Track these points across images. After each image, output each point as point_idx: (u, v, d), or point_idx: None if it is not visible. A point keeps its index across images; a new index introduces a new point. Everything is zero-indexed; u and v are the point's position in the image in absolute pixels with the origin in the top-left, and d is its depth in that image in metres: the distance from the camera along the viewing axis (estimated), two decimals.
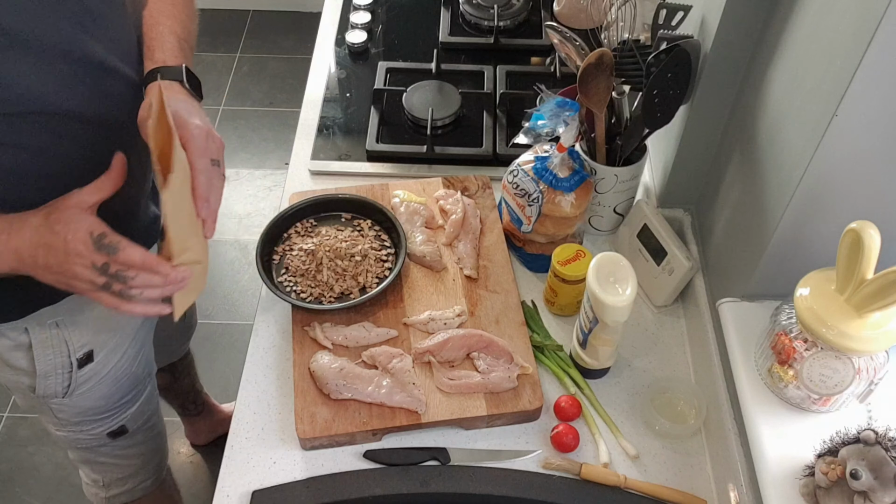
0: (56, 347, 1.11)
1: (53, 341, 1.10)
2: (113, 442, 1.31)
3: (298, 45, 3.19)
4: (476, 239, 1.25)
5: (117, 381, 1.22)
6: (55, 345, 1.10)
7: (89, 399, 1.21)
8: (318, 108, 1.51)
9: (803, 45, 0.89)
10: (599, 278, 1.01)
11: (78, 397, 1.19)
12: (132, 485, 1.45)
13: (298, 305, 1.14)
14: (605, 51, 1.09)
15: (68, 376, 1.15)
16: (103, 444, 1.31)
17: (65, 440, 1.30)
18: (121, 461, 1.39)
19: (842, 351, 0.85)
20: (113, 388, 1.22)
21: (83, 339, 1.13)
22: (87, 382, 1.17)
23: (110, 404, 1.25)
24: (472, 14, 1.67)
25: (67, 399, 1.18)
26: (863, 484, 0.78)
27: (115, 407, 1.26)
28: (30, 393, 1.17)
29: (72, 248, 0.86)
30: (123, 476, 1.43)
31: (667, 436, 1.08)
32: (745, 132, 1.05)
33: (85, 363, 1.15)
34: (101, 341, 1.15)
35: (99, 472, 1.41)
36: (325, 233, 1.22)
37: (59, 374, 1.14)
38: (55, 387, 1.15)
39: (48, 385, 1.14)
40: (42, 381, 1.14)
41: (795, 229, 0.92)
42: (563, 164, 1.15)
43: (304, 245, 1.21)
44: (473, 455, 1.06)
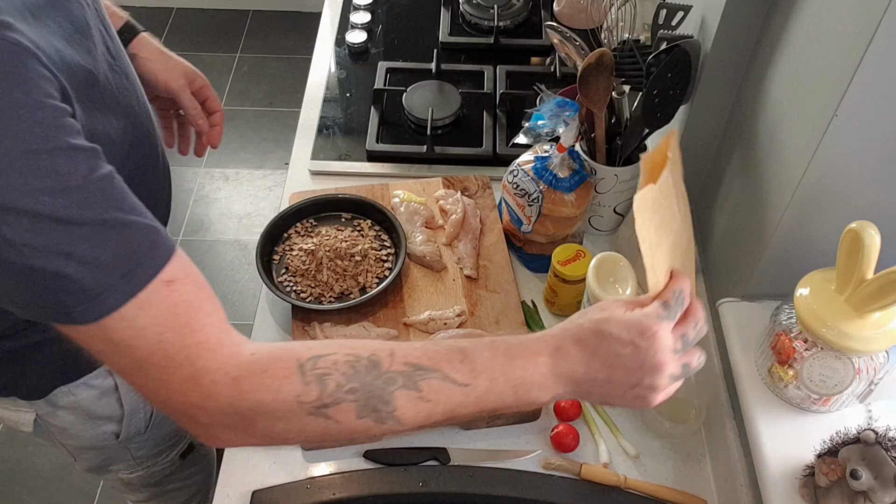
0: None
1: None
2: (182, 462, 1.31)
3: (298, 45, 3.19)
4: (476, 239, 1.25)
5: None
6: None
7: (164, 426, 1.21)
8: (318, 108, 1.51)
9: (803, 45, 0.89)
10: (599, 278, 1.01)
11: (156, 427, 1.19)
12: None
13: (298, 305, 1.14)
14: (605, 51, 1.09)
15: (149, 407, 1.14)
16: (175, 468, 1.31)
17: (138, 481, 1.29)
18: (187, 481, 1.39)
19: (842, 351, 0.85)
20: None
21: None
22: None
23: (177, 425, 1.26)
24: (472, 14, 1.67)
25: (147, 433, 1.18)
26: (863, 484, 0.78)
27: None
28: (111, 441, 1.15)
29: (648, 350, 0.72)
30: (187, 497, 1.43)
31: (667, 436, 1.08)
32: (745, 132, 1.05)
33: None
34: None
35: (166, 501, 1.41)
36: (325, 233, 1.22)
37: (143, 407, 1.14)
38: (138, 423, 1.15)
39: (132, 424, 1.14)
40: (128, 422, 1.13)
41: (795, 229, 0.92)
42: (563, 164, 1.15)
43: (304, 245, 1.21)
44: (473, 455, 1.06)
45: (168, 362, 0.67)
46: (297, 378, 0.69)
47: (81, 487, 2.04)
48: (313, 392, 0.68)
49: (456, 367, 0.71)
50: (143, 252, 0.65)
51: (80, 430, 1.13)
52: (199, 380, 0.68)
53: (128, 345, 0.66)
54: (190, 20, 3.29)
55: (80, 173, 0.62)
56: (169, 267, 0.67)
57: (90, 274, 0.62)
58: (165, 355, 0.66)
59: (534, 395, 0.73)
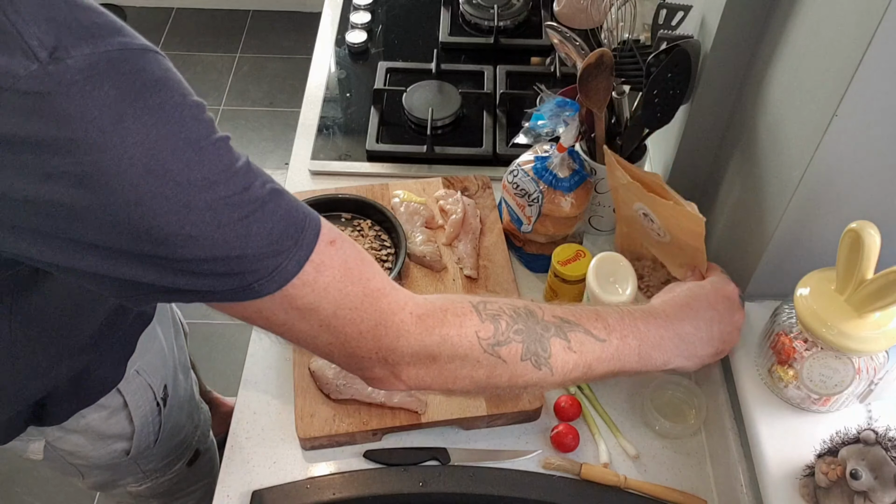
0: (144, 395, 1.11)
1: (142, 390, 1.10)
2: (189, 469, 1.32)
3: (298, 45, 3.19)
4: (476, 239, 1.25)
5: (182, 406, 1.23)
6: (143, 393, 1.10)
7: (171, 436, 1.22)
8: (318, 108, 1.51)
9: (803, 45, 0.89)
10: (599, 278, 1.01)
11: (165, 439, 1.20)
12: None
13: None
14: (605, 51, 1.09)
15: (158, 420, 1.15)
16: (183, 476, 1.31)
17: (147, 492, 1.29)
18: (193, 487, 1.40)
19: (842, 351, 0.85)
20: (182, 414, 1.24)
21: (157, 375, 1.13)
22: (168, 419, 1.18)
23: (184, 434, 1.26)
24: (472, 14, 1.67)
25: (157, 446, 1.19)
26: (863, 484, 0.78)
27: (189, 434, 1.28)
28: (121, 458, 1.15)
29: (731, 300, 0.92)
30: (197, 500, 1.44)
31: (667, 436, 1.08)
32: (745, 132, 1.05)
33: (165, 400, 1.16)
34: (167, 373, 1.16)
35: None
36: None
37: (152, 421, 1.14)
38: (147, 438, 1.15)
39: (142, 439, 1.14)
40: (138, 437, 1.13)
41: (795, 229, 0.92)
42: (563, 164, 1.15)
43: None
44: (473, 455, 1.06)
45: (354, 313, 0.70)
46: (474, 316, 0.74)
47: (81, 487, 2.04)
48: (489, 329, 0.74)
49: (594, 324, 0.80)
50: (301, 217, 0.68)
51: (90, 450, 1.12)
52: (388, 322, 0.71)
53: (313, 307, 0.68)
54: (190, 20, 3.29)
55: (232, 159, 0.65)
56: (325, 228, 0.69)
57: (267, 247, 0.64)
58: (351, 307, 0.69)
59: (654, 357, 0.83)
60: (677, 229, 1.00)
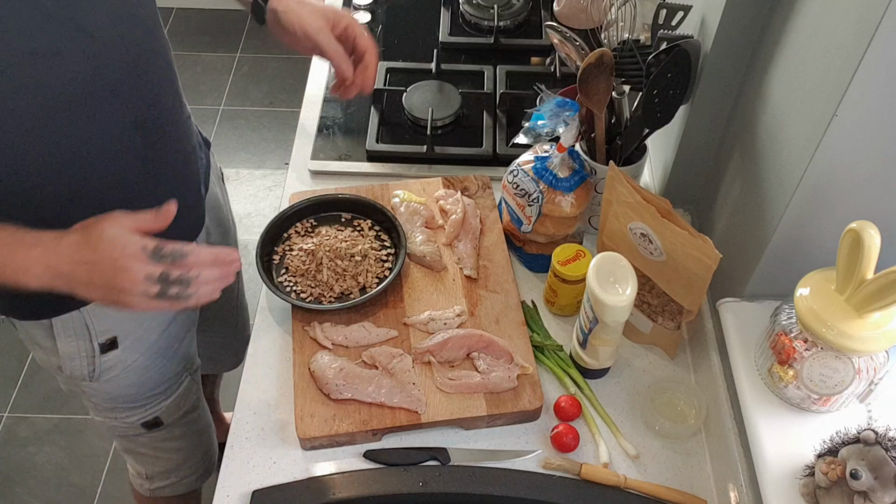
0: (78, 331, 1.11)
1: (75, 324, 1.10)
2: (149, 433, 1.32)
3: None
4: (476, 239, 1.25)
5: (146, 371, 1.22)
6: (77, 328, 1.11)
7: (117, 387, 1.21)
8: (318, 108, 1.51)
9: (803, 45, 0.89)
10: (599, 278, 1.01)
11: (105, 383, 1.19)
12: (175, 479, 1.46)
13: (298, 305, 1.14)
14: (605, 51, 1.09)
15: (91, 361, 1.15)
16: (139, 433, 1.31)
17: (104, 426, 1.31)
18: (161, 454, 1.40)
19: (842, 351, 0.85)
20: (142, 377, 1.22)
21: (105, 324, 1.13)
22: (112, 369, 1.18)
23: (140, 395, 1.25)
24: (472, 14, 1.67)
25: (95, 383, 1.19)
26: (863, 484, 0.78)
27: (145, 398, 1.26)
28: (59, 373, 1.18)
29: (120, 264, 0.86)
30: (166, 469, 1.44)
31: (667, 436, 1.08)
32: (745, 132, 1.05)
33: (109, 349, 1.15)
34: (125, 330, 1.15)
35: (141, 463, 1.43)
36: (325, 233, 1.22)
37: (83, 357, 1.14)
38: (80, 370, 1.16)
39: (73, 367, 1.15)
40: (67, 363, 1.15)
41: (795, 229, 0.92)
42: (563, 164, 1.15)
43: (304, 245, 1.21)
44: (473, 455, 1.06)
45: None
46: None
47: (81, 487, 2.05)
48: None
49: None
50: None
51: (29, 346, 1.17)
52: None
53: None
54: (190, 20, 3.29)
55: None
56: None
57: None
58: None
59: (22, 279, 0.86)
60: (683, 256, 1.00)
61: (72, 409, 2.17)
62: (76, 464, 2.09)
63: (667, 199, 1.01)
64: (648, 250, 1.06)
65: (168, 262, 0.88)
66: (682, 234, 0.98)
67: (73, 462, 2.09)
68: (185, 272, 0.88)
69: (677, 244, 0.99)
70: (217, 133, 2.87)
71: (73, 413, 2.17)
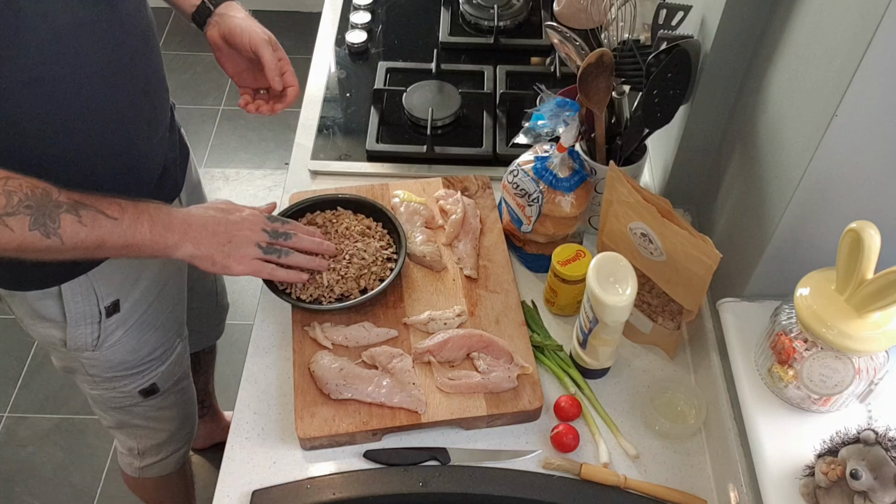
0: (85, 296, 1.13)
1: (82, 288, 1.12)
2: (145, 401, 1.34)
3: (298, 45, 3.17)
4: (476, 239, 1.25)
5: (143, 333, 1.24)
6: (84, 293, 1.13)
7: (118, 352, 1.23)
8: (318, 108, 1.51)
9: (803, 45, 0.89)
10: (599, 278, 1.01)
11: (107, 350, 1.21)
12: (165, 454, 1.48)
13: (298, 306, 1.14)
14: (605, 51, 1.09)
15: (97, 326, 1.17)
16: (136, 402, 1.33)
17: (100, 400, 1.33)
18: (155, 424, 1.41)
19: (842, 351, 0.85)
20: (140, 341, 1.25)
21: (110, 287, 1.15)
22: (114, 334, 1.20)
23: (139, 359, 1.27)
24: (472, 14, 1.67)
25: (97, 352, 1.21)
26: (863, 484, 0.78)
27: (144, 363, 1.28)
28: (61, 347, 1.19)
29: (246, 215, 1.07)
30: (158, 443, 1.46)
31: (667, 436, 1.08)
32: (745, 132, 1.05)
33: (112, 312, 1.17)
34: (126, 291, 1.18)
35: (134, 437, 1.44)
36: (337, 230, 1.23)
37: (89, 323, 1.16)
38: (85, 338, 1.18)
39: (78, 336, 1.17)
40: (73, 332, 1.16)
41: (795, 229, 0.92)
42: (563, 164, 1.15)
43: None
44: (473, 455, 1.06)
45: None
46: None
47: (81, 487, 2.05)
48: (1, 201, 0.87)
49: (108, 206, 0.95)
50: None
51: (30, 324, 1.18)
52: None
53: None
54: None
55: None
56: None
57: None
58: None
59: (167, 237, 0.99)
60: (683, 256, 1.00)
61: (72, 409, 2.17)
62: (76, 464, 2.09)
63: (667, 199, 1.01)
64: (648, 250, 1.06)
65: (279, 224, 1.09)
66: (682, 233, 0.98)
67: (73, 462, 2.09)
68: (289, 230, 1.10)
69: (677, 244, 0.99)
70: (217, 133, 2.87)
71: (74, 413, 2.17)
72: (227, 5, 1.21)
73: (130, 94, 1.05)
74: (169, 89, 1.20)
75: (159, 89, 1.14)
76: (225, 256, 1.03)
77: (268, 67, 1.18)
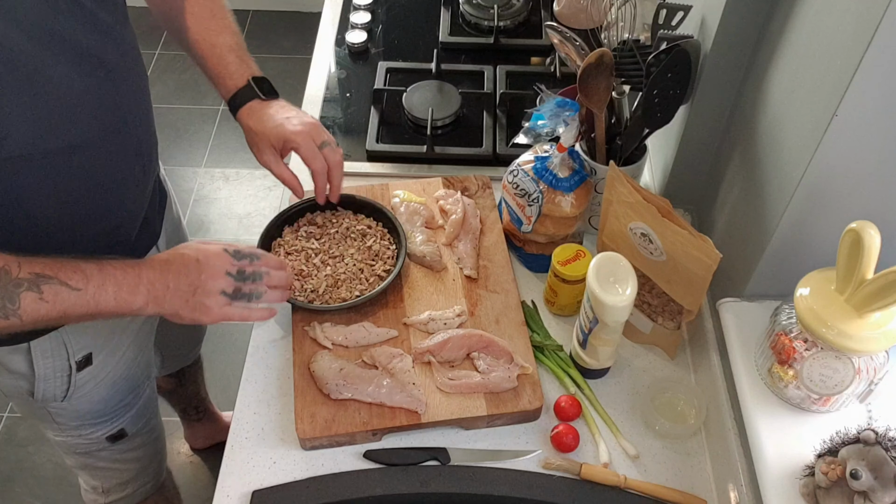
0: (55, 351, 1.10)
1: (53, 345, 1.09)
2: (112, 446, 1.30)
3: (298, 45, 3.19)
4: (476, 239, 1.25)
5: (115, 383, 1.22)
6: (54, 348, 1.10)
7: (88, 402, 1.20)
8: (318, 108, 1.51)
9: (803, 45, 0.89)
10: (599, 278, 1.01)
11: (77, 400, 1.18)
12: (132, 489, 1.44)
13: (299, 305, 1.14)
14: (605, 51, 1.09)
15: (67, 379, 1.14)
16: (102, 448, 1.30)
17: (64, 445, 1.29)
18: (120, 465, 1.38)
19: (842, 351, 0.85)
20: (112, 390, 1.22)
21: (83, 341, 1.12)
22: (85, 385, 1.17)
23: (109, 407, 1.24)
24: (472, 14, 1.67)
25: (66, 403, 1.18)
26: (863, 484, 0.78)
27: (113, 410, 1.25)
28: (28, 398, 1.16)
29: (211, 260, 0.98)
30: (123, 481, 1.42)
31: (667, 436, 1.08)
32: (745, 132, 1.05)
33: (84, 366, 1.14)
34: (99, 344, 1.15)
35: (98, 478, 1.40)
36: (332, 227, 1.22)
37: (59, 377, 1.13)
38: (54, 391, 1.14)
39: (47, 389, 1.14)
40: (41, 385, 1.13)
41: (795, 229, 0.92)
42: (563, 164, 1.15)
43: (309, 245, 1.20)
44: (473, 455, 1.06)
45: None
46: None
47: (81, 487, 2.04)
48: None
49: (70, 276, 0.90)
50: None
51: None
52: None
53: None
54: None
55: None
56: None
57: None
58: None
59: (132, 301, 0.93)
60: (683, 256, 1.00)
61: None
62: None
63: (667, 199, 1.01)
64: (648, 250, 1.06)
65: (246, 262, 1.00)
66: (682, 233, 0.98)
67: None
68: (258, 268, 1.01)
69: (677, 244, 0.99)
70: (217, 133, 2.87)
71: None
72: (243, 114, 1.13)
73: (123, 158, 1.02)
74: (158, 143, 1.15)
75: (150, 148, 1.10)
76: (191, 311, 0.97)
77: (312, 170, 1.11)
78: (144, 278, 0.94)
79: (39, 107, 0.85)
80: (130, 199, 1.08)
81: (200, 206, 2.65)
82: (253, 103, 1.13)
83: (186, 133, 2.83)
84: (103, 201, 1.02)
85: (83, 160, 0.95)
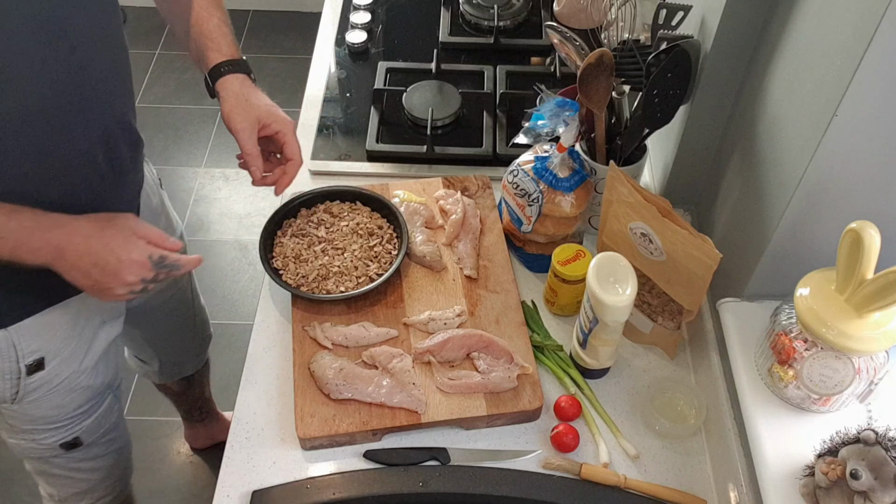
0: (3, 351, 1.08)
1: (1, 344, 1.07)
2: (66, 454, 1.27)
3: (298, 45, 3.19)
4: (476, 239, 1.25)
5: (71, 391, 1.19)
6: (2, 348, 1.07)
7: (40, 408, 1.17)
8: (318, 108, 1.51)
9: (803, 45, 0.89)
10: (599, 278, 1.01)
11: (28, 405, 1.16)
12: (89, 501, 1.40)
13: (299, 295, 1.14)
14: (605, 51, 1.09)
15: (16, 382, 1.11)
16: (56, 454, 1.26)
17: (17, 448, 1.26)
18: (76, 475, 1.34)
19: (842, 351, 0.85)
20: (66, 398, 1.19)
21: (33, 345, 1.10)
22: (37, 391, 1.14)
23: (63, 415, 1.21)
24: (472, 14, 1.67)
25: (16, 405, 1.15)
26: (863, 484, 0.78)
27: (68, 418, 1.22)
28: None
29: (126, 266, 0.96)
30: (79, 491, 1.38)
31: (667, 436, 1.08)
32: (745, 132, 1.05)
33: (35, 370, 1.12)
34: (53, 349, 1.12)
35: (53, 485, 1.37)
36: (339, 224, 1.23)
37: (7, 378, 1.11)
38: (2, 392, 1.12)
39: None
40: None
41: (795, 229, 0.92)
42: (563, 164, 1.15)
43: (316, 232, 1.21)
44: (473, 455, 1.06)
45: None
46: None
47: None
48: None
49: None
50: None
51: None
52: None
53: None
54: None
55: None
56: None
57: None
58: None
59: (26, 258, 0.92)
60: (683, 256, 1.00)
61: None
62: None
63: (667, 199, 1.01)
64: (648, 250, 1.06)
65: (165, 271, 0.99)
66: (682, 233, 0.98)
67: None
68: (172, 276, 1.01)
69: (677, 244, 0.99)
70: (217, 133, 2.87)
71: None
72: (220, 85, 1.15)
73: (83, 139, 0.99)
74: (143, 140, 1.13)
75: (123, 139, 1.07)
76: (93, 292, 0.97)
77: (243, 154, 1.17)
78: (52, 245, 0.93)
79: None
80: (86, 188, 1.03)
81: (200, 206, 2.65)
82: (245, 77, 1.16)
83: (186, 133, 2.83)
84: (54, 181, 0.99)
85: (33, 134, 0.93)
